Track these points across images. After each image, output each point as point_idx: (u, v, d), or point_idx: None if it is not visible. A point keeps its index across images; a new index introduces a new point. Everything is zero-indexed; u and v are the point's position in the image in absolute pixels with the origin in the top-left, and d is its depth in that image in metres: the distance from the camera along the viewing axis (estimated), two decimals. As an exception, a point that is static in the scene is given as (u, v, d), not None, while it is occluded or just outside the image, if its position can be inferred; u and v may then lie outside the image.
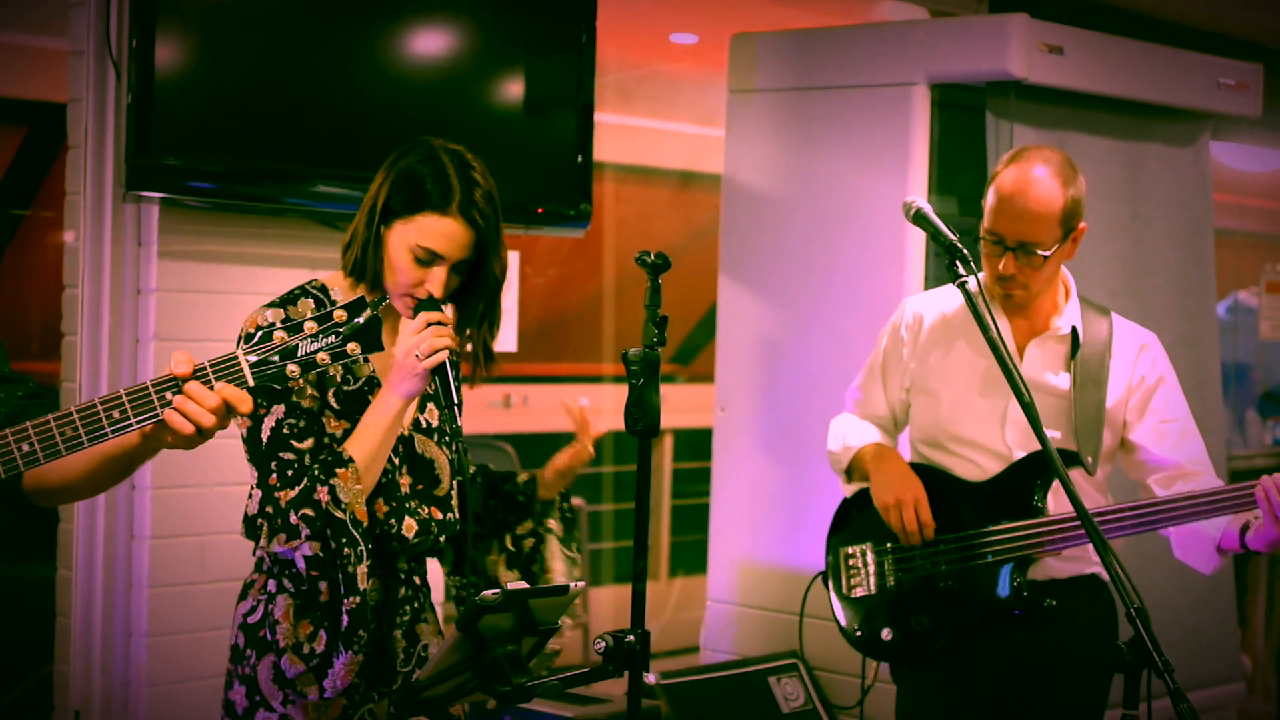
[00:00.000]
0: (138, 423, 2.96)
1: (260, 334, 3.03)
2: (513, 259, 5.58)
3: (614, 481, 9.51)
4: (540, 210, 5.64)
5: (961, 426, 4.45)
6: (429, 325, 3.59)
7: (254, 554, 3.77)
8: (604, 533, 9.51)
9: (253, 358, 3.01)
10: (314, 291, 3.74)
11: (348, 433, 3.64)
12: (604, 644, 3.34)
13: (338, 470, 3.56)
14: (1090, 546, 4.36)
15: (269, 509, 3.58)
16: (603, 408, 9.53)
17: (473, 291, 3.77)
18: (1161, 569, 5.33)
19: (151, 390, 2.97)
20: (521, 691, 3.38)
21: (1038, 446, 4.27)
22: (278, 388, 3.12)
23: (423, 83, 5.41)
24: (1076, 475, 4.31)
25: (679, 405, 9.32)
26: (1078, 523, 4.14)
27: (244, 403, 3.02)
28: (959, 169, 6.33)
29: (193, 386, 2.96)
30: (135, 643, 5.03)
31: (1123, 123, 6.46)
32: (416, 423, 3.76)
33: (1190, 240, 6.79)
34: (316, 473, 3.56)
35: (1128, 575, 3.66)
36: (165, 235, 5.01)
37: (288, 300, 3.70)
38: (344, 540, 3.57)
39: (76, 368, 5.00)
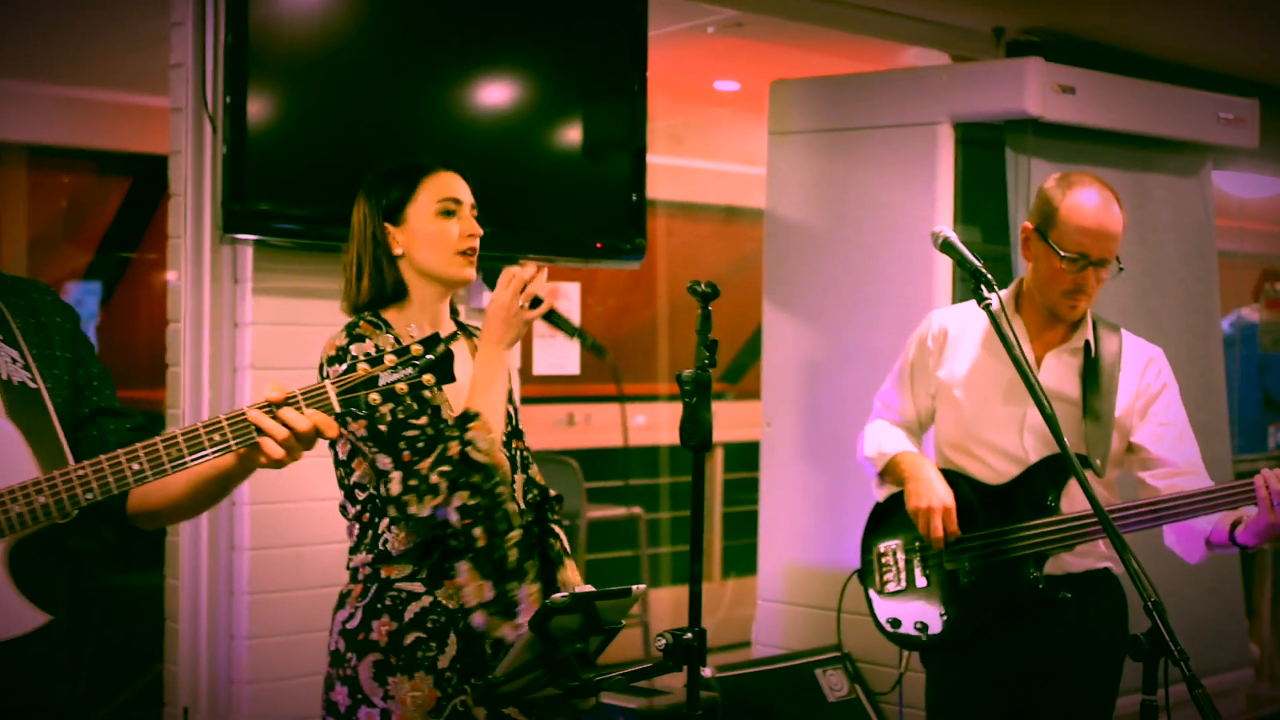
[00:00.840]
0: (236, 444, 2.98)
1: (346, 366, 3.05)
2: (574, 289, 5.59)
3: (670, 491, 9.50)
4: (599, 245, 5.65)
5: (983, 431, 4.44)
6: (514, 279, 3.70)
7: (348, 566, 3.78)
8: (662, 538, 9.50)
9: (339, 387, 3.03)
10: (377, 321, 3.77)
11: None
12: (665, 641, 3.34)
13: (470, 425, 3.60)
14: (1100, 542, 4.35)
15: (411, 481, 3.59)
16: (659, 424, 9.53)
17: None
18: (1173, 563, 5.30)
19: (248, 415, 2.99)
20: (589, 686, 3.38)
21: (1051, 451, 4.28)
22: (360, 412, 3.13)
23: (491, 131, 5.42)
24: (1087, 477, 4.30)
25: (728, 421, 9.31)
26: (1092, 520, 4.13)
27: (330, 428, 3.03)
28: (981, 200, 6.33)
29: (286, 411, 2.98)
30: (237, 644, 5.04)
31: (1131, 155, 6.45)
32: None
33: (1195, 262, 6.77)
34: (448, 433, 3.59)
35: (1144, 571, 3.64)
36: (258, 273, 5.03)
37: (353, 328, 3.73)
38: (496, 480, 3.62)
39: (181, 395, 5.03)
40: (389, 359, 3.05)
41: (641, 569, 9.23)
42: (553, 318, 3.74)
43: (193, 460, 2.96)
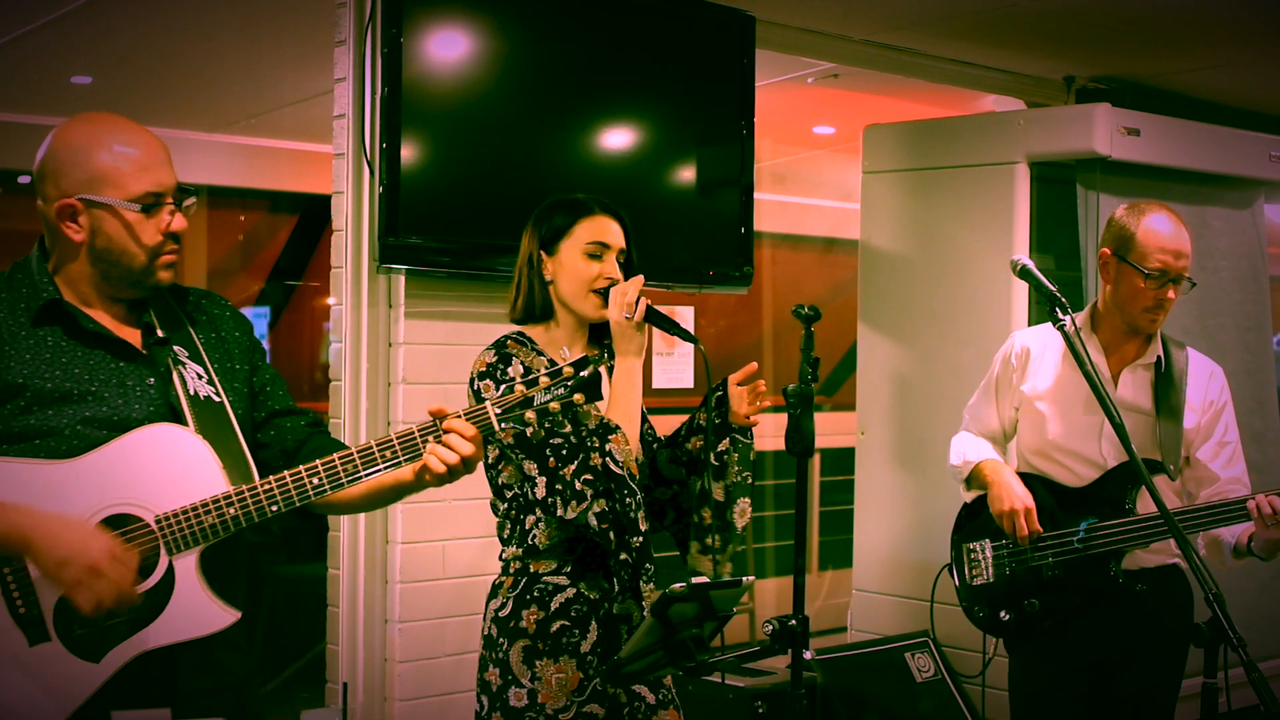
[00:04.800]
0: (405, 460, 2.98)
1: (503, 388, 3.04)
2: (688, 312, 5.59)
3: (774, 492, 9.47)
4: (711, 273, 5.64)
5: (1064, 439, 4.39)
6: (611, 288, 3.69)
7: (500, 558, 3.79)
8: (767, 534, 9.47)
9: (498, 409, 3.02)
10: (522, 339, 3.77)
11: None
12: (771, 627, 3.32)
13: (610, 437, 3.59)
14: (1171, 540, 4.30)
15: (557, 486, 3.58)
16: (763, 431, 9.48)
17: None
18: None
19: (417, 434, 2.99)
20: (704, 667, 3.37)
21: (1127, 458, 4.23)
22: (518, 427, 3.12)
23: (616, 171, 5.43)
24: (1161, 481, 4.26)
25: (824, 429, 9.20)
26: (1161, 521, 4.09)
27: (478, 455, 3.03)
28: (1054, 231, 6.28)
29: (453, 422, 2.98)
30: (390, 628, 5.07)
31: (1190, 190, 6.38)
32: None
33: (1249, 286, 6.68)
34: (591, 444, 3.58)
35: (1205, 565, 3.60)
36: (410, 299, 5.06)
37: (501, 346, 3.73)
38: (626, 492, 3.60)
39: (342, 406, 5.06)
40: (543, 380, 3.04)
41: (748, 561, 9.20)
42: (655, 319, 3.71)
43: (366, 474, 2.97)
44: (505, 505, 3.75)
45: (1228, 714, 3.71)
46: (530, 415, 3.02)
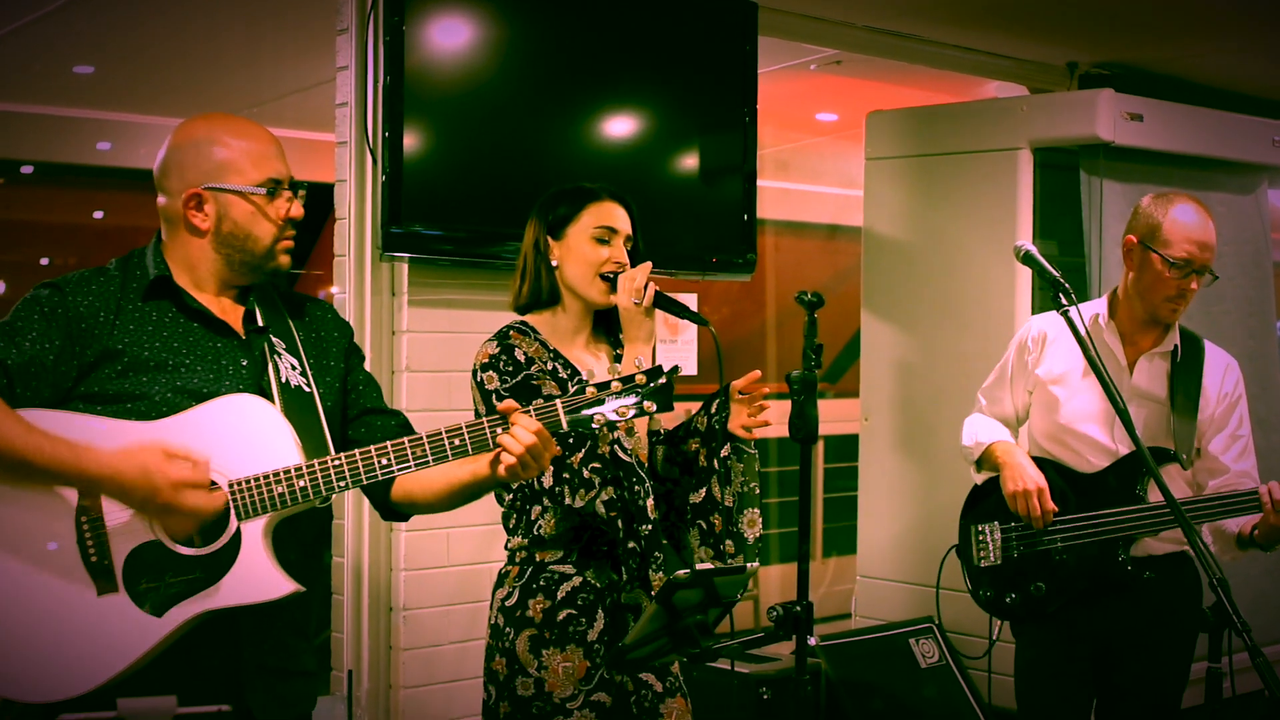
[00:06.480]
0: (473, 449, 3.03)
1: (574, 389, 3.08)
2: (691, 300, 5.59)
3: (778, 479, 9.48)
4: (714, 260, 5.64)
5: (1077, 425, 4.39)
6: (618, 275, 3.69)
7: (505, 547, 3.79)
8: (771, 521, 9.47)
9: (567, 407, 3.05)
10: (525, 329, 3.76)
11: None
12: (776, 613, 3.32)
13: (618, 425, 3.58)
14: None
15: (565, 475, 3.58)
16: (768, 419, 9.47)
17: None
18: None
19: (485, 425, 3.03)
20: (708, 653, 3.38)
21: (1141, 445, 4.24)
22: (584, 431, 3.15)
23: (618, 159, 5.42)
24: (1173, 470, 4.26)
25: (828, 416, 9.24)
26: (1169, 511, 4.09)
27: (552, 443, 3.06)
28: (1057, 217, 6.28)
29: (518, 416, 3.02)
30: (395, 615, 5.07)
31: (1193, 175, 6.37)
32: None
33: (1252, 271, 6.68)
34: (600, 432, 3.57)
35: (1210, 551, 3.60)
36: (414, 287, 5.06)
37: (503, 337, 3.73)
38: (634, 479, 3.61)
39: (345, 395, 5.06)
40: (615, 385, 3.05)
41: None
42: (664, 304, 3.71)
43: (434, 460, 3.02)
44: (511, 495, 3.75)
45: (1232, 699, 3.71)
46: (600, 417, 3.03)
